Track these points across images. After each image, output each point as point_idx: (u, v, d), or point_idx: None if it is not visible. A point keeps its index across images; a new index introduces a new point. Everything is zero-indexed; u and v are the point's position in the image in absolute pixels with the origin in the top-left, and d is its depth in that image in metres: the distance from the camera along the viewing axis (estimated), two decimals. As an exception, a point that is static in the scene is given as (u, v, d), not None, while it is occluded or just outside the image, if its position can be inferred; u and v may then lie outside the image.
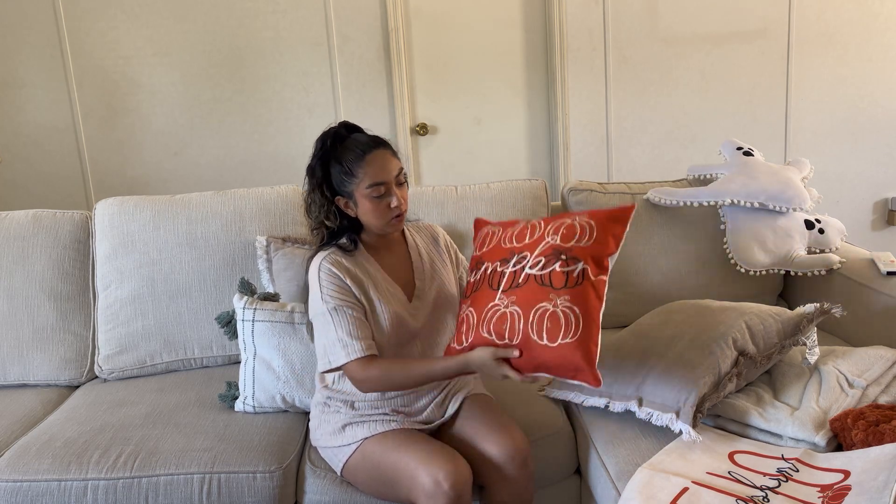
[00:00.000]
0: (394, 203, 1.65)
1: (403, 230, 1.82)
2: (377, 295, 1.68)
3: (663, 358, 1.72)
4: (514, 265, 1.61)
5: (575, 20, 3.37)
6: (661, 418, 1.63)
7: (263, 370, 1.92)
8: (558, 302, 1.50)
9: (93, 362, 2.23)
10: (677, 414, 1.61)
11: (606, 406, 1.74)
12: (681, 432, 1.60)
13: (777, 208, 2.27)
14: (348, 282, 1.65)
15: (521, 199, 2.38)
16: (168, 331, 2.19)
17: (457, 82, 3.46)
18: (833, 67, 3.49)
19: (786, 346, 1.76)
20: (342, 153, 1.66)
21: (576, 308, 1.49)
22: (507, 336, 1.54)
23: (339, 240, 1.71)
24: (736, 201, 2.27)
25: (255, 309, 1.93)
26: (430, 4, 3.38)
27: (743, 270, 2.26)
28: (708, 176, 2.42)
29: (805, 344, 1.78)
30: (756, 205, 2.27)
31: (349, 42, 3.33)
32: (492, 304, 1.59)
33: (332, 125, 1.70)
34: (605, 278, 1.55)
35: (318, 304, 1.65)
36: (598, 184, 2.45)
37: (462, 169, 3.47)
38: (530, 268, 1.57)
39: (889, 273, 2.07)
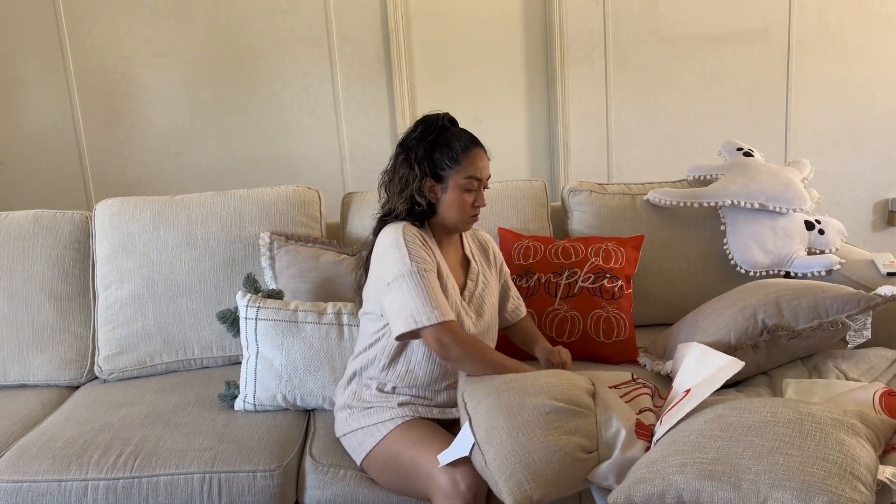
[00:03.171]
0: (479, 202, 1.72)
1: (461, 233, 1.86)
2: (446, 280, 1.71)
3: (694, 326, 1.95)
4: (567, 278, 2.10)
5: (575, 20, 3.37)
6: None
7: (265, 369, 1.92)
8: (609, 310, 2.06)
9: (93, 363, 2.23)
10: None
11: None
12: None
13: (777, 209, 2.27)
14: (429, 249, 1.68)
15: (521, 199, 2.38)
16: (168, 331, 2.19)
17: (457, 82, 3.46)
18: (833, 67, 3.49)
19: (824, 326, 1.77)
20: (451, 138, 1.72)
21: (622, 314, 2.07)
22: (566, 334, 2.07)
23: (411, 219, 1.72)
24: (736, 202, 2.28)
25: (258, 307, 1.93)
26: (430, 4, 3.38)
27: (743, 271, 2.26)
28: (708, 177, 2.42)
29: (851, 325, 1.78)
30: (756, 206, 2.27)
31: (349, 42, 3.33)
32: (551, 308, 2.09)
33: (437, 112, 1.76)
34: (631, 291, 2.15)
35: (405, 265, 1.62)
36: (599, 184, 2.45)
37: (462, 169, 3.47)
38: (582, 282, 2.09)
39: (889, 274, 2.07)
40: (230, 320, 1.99)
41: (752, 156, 2.43)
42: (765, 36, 3.44)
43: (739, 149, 2.46)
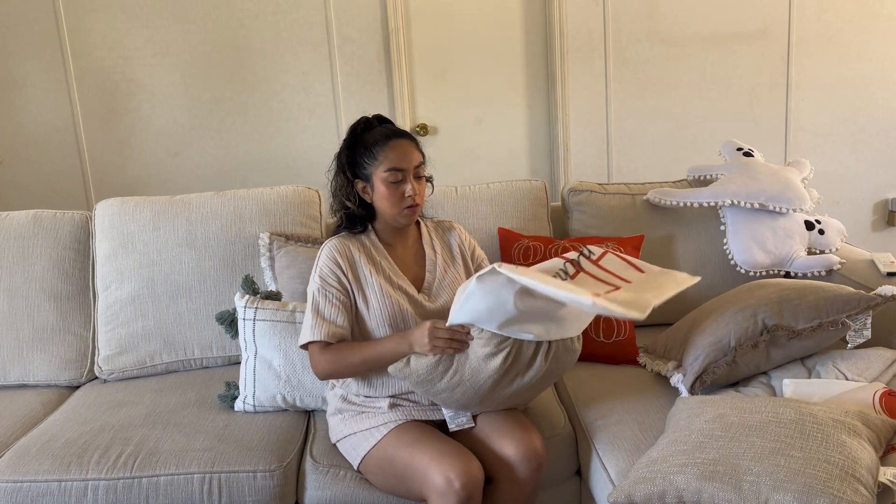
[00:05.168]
0: (408, 192, 1.71)
1: (420, 224, 1.87)
2: (379, 284, 1.73)
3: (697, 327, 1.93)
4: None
5: (575, 20, 3.37)
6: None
7: (264, 369, 1.92)
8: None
9: (93, 363, 2.23)
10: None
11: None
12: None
13: (777, 209, 2.27)
14: (345, 266, 1.73)
15: (521, 199, 2.38)
16: (168, 331, 2.19)
17: (457, 82, 3.46)
18: (833, 67, 3.49)
19: (824, 326, 1.77)
20: (368, 137, 1.74)
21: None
22: None
23: (353, 225, 1.78)
24: (736, 202, 2.28)
25: (256, 308, 1.93)
26: (430, 4, 3.38)
27: (743, 271, 2.26)
28: (708, 177, 2.42)
29: (851, 325, 1.77)
30: (756, 205, 2.27)
31: (349, 42, 3.33)
32: None
33: (366, 115, 1.81)
34: None
35: (311, 282, 1.76)
36: (598, 184, 2.45)
37: (462, 169, 3.47)
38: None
39: (889, 274, 2.07)
40: (228, 321, 1.99)
41: (752, 156, 2.43)
42: (765, 36, 3.44)
43: (739, 149, 2.46)
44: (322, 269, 1.74)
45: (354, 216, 1.78)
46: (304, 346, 1.72)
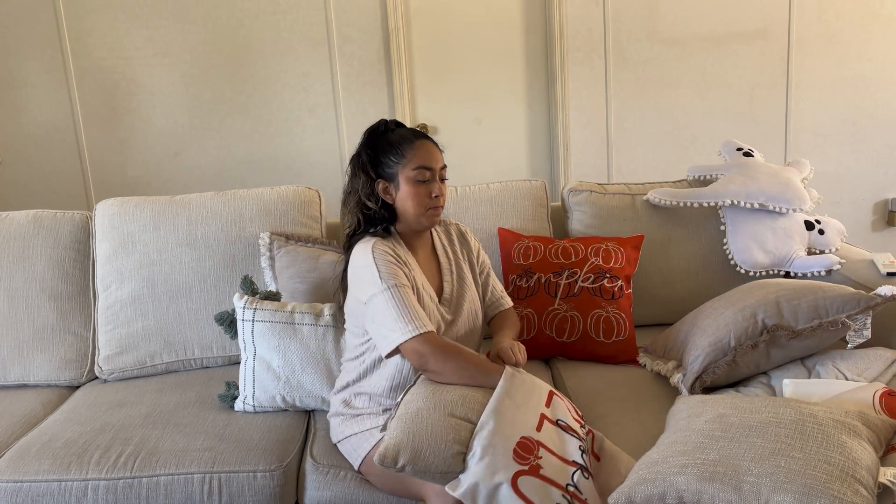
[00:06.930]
0: (435, 192, 1.70)
1: (431, 231, 1.84)
2: (420, 287, 1.70)
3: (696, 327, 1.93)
4: (567, 278, 2.10)
5: (575, 20, 3.37)
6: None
7: (263, 370, 1.92)
8: (609, 310, 2.06)
9: (93, 363, 2.23)
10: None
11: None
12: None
13: (777, 209, 2.27)
14: (400, 260, 1.67)
15: (520, 199, 2.38)
16: (168, 331, 2.19)
17: (457, 82, 3.46)
18: (833, 68, 3.49)
19: (823, 326, 1.77)
20: (393, 137, 1.72)
21: (622, 314, 2.07)
22: (566, 334, 2.06)
23: (373, 227, 1.72)
24: (736, 202, 2.28)
25: (255, 309, 1.93)
26: (430, 4, 3.38)
27: (743, 271, 2.26)
28: (708, 177, 2.42)
29: (850, 325, 1.77)
30: (756, 205, 2.27)
31: (349, 42, 3.33)
32: (551, 308, 2.09)
33: (384, 119, 1.78)
34: (631, 291, 2.15)
35: (376, 284, 1.61)
36: (598, 184, 2.45)
37: (462, 169, 3.47)
38: (582, 282, 2.09)
39: (889, 274, 2.07)
40: (227, 322, 1.99)
41: (752, 156, 2.43)
42: (765, 36, 3.44)
43: (739, 149, 2.46)
44: (384, 269, 1.62)
45: (374, 217, 1.72)
46: (393, 351, 1.60)
